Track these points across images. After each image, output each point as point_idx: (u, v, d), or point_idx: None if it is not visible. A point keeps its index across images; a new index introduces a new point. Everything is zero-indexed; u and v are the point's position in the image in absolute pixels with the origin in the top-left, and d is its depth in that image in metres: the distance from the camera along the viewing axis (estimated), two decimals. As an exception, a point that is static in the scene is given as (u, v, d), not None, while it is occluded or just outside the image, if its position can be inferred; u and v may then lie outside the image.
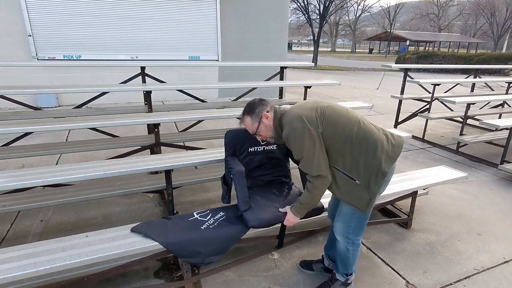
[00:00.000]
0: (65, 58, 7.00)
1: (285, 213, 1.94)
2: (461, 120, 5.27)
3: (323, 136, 1.66)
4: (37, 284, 1.84)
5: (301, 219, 1.96)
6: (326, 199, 2.16)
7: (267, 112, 1.81)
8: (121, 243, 1.74)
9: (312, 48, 31.26)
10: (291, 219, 1.89)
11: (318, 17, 20.42)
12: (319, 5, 19.91)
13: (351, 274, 2.01)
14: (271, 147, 2.30)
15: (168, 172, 2.54)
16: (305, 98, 4.86)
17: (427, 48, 44.64)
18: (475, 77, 6.89)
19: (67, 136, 5.18)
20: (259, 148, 2.27)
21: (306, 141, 1.63)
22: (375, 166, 1.67)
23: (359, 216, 1.81)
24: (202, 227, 1.94)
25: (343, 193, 1.77)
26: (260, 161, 2.28)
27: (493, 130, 5.49)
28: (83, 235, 1.81)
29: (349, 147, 1.67)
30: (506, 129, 4.20)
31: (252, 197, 2.13)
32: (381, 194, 1.85)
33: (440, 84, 5.53)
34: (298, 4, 19.96)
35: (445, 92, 6.81)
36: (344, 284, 2.03)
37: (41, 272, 1.53)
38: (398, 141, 1.77)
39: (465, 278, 2.27)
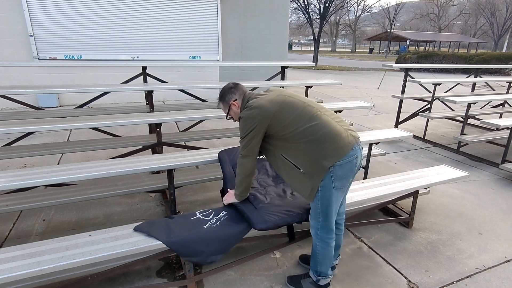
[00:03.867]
0: (66, 58, 7.01)
1: (295, 216, 2.03)
2: (462, 119, 5.27)
3: (272, 127, 1.84)
4: (40, 283, 1.85)
5: (306, 221, 2.04)
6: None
7: (235, 100, 2.00)
8: (124, 242, 1.75)
9: (312, 48, 31.25)
10: (228, 197, 2.16)
11: (318, 17, 20.42)
12: (319, 5, 19.92)
13: (323, 276, 2.01)
14: (261, 156, 2.38)
15: (170, 172, 2.55)
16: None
17: (427, 48, 44.61)
18: (475, 77, 6.89)
19: (69, 136, 5.19)
20: None
21: (250, 127, 1.84)
22: (317, 158, 1.75)
23: (323, 212, 1.86)
24: (205, 226, 1.94)
25: (289, 178, 1.91)
26: (257, 167, 2.41)
27: (494, 130, 5.49)
28: (86, 234, 1.82)
29: (296, 138, 1.79)
30: (507, 128, 4.21)
31: (256, 198, 2.15)
32: (344, 191, 1.89)
33: (441, 84, 5.53)
34: (298, 4, 19.97)
35: (446, 91, 6.81)
36: (313, 284, 2.03)
37: (45, 271, 1.53)
38: (350, 141, 1.78)
39: (467, 277, 2.27)
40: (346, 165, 1.77)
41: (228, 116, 2.10)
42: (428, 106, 5.78)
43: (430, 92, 5.77)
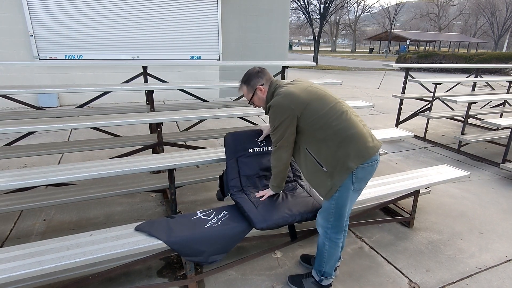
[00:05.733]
0: (67, 58, 7.01)
1: (296, 215, 2.02)
2: (463, 119, 5.27)
3: (302, 119, 1.77)
4: (41, 283, 1.85)
5: (307, 220, 2.05)
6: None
7: (262, 85, 1.93)
8: (125, 242, 1.75)
9: (312, 48, 31.25)
10: (263, 192, 2.16)
11: (319, 17, 20.43)
12: (319, 4, 19.92)
13: (327, 276, 2.00)
14: (270, 148, 2.33)
15: (171, 171, 2.54)
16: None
17: (427, 48, 44.61)
18: (476, 77, 6.88)
19: (69, 136, 5.19)
20: (258, 149, 2.33)
21: (281, 117, 1.77)
22: (342, 158, 1.72)
23: (336, 212, 1.84)
24: (206, 226, 1.94)
25: (309, 174, 1.87)
26: (261, 161, 2.33)
27: (494, 129, 5.49)
28: (88, 233, 1.82)
29: (323, 135, 1.74)
30: (508, 128, 4.21)
31: (257, 198, 2.14)
32: (360, 192, 1.87)
33: (441, 84, 5.53)
34: (299, 4, 19.97)
35: (446, 91, 6.80)
36: (316, 284, 2.02)
37: (46, 271, 1.53)
38: (376, 144, 1.79)
39: (468, 276, 2.27)
40: (367, 169, 1.76)
41: (251, 102, 2.01)
42: (429, 105, 5.78)
43: (431, 92, 5.77)
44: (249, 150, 2.31)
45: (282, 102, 1.77)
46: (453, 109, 6.40)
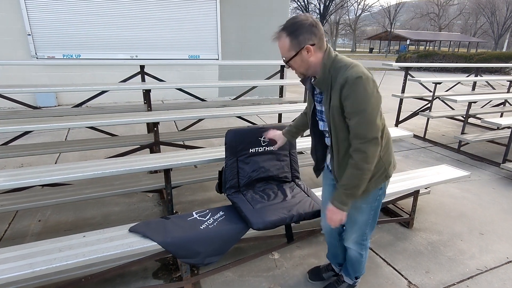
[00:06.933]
0: (65, 57, 6.98)
1: (293, 215, 1.93)
2: (463, 119, 5.24)
3: None
4: (34, 285, 1.82)
5: (305, 219, 1.98)
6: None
7: (313, 45, 1.39)
8: (119, 243, 1.72)
9: (312, 48, 31.15)
10: (336, 215, 1.50)
11: (319, 16, 20.42)
12: (319, 4, 19.91)
13: (360, 276, 1.99)
14: (271, 148, 2.30)
15: (167, 171, 2.52)
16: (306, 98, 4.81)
17: (427, 47, 44.58)
18: (476, 76, 6.85)
19: (66, 135, 5.16)
20: (260, 149, 2.27)
21: (374, 94, 1.34)
22: (385, 165, 1.59)
23: (373, 222, 1.76)
24: (201, 227, 1.91)
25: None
26: (261, 162, 2.28)
27: (494, 129, 5.46)
28: (81, 235, 1.79)
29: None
30: (508, 127, 4.18)
31: (254, 198, 2.11)
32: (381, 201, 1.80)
33: (441, 83, 5.50)
34: (299, 3, 19.97)
35: (446, 91, 6.77)
36: (351, 286, 2.00)
37: (37, 273, 1.50)
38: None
39: (468, 278, 2.24)
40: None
41: (288, 62, 1.47)
42: (429, 105, 5.75)
43: (431, 91, 5.74)
44: (250, 150, 2.22)
45: (369, 74, 1.34)
46: (453, 109, 6.38)
